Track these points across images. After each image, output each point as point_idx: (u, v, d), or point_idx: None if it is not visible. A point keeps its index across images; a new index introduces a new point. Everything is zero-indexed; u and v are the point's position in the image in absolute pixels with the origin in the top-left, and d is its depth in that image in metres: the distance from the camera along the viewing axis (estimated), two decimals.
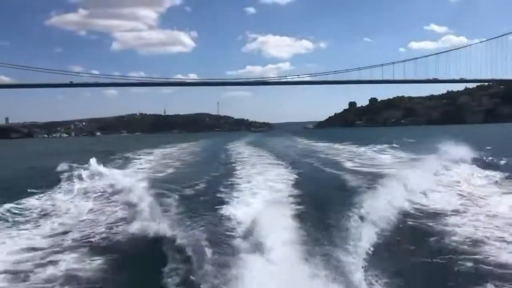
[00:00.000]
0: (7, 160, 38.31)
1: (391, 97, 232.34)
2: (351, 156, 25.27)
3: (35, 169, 22.94)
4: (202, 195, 12.01)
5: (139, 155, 30.48)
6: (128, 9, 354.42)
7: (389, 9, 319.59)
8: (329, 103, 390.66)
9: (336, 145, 35.78)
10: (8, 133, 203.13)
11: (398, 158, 22.90)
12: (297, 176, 15.68)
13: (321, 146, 37.72)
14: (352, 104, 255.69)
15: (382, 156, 24.22)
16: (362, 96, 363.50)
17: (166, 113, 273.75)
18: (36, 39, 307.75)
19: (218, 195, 11.74)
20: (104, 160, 24.70)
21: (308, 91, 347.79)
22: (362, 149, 29.68)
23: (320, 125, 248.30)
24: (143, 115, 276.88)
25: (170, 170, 20.37)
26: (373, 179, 13.80)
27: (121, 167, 21.98)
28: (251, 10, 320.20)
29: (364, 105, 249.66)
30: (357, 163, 20.84)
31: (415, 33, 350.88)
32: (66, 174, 18.16)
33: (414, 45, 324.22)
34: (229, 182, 14.16)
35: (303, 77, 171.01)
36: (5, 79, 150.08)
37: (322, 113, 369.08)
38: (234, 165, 20.79)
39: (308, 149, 35.16)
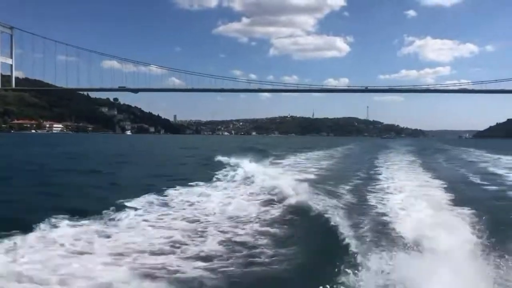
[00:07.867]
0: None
1: None
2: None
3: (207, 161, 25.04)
4: (363, 194, 12.30)
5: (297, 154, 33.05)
6: (288, 16, 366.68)
7: None
8: (489, 111, 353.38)
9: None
10: (183, 129, 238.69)
11: None
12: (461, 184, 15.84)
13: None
14: None
15: None
16: None
17: (315, 116, 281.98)
18: (204, 46, 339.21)
19: (382, 195, 11.94)
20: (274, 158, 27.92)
21: (466, 97, 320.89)
22: None
23: (478, 135, 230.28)
24: (293, 117, 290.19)
25: (328, 170, 21.14)
26: None
27: (288, 165, 23.51)
28: (411, 13, 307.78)
29: None
30: None
31: None
32: (226, 168, 19.20)
33: None
34: (389, 185, 14.23)
35: (463, 84, 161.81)
36: (177, 81, 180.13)
37: (480, 122, 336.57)
38: (397, 169, 21.20)
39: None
